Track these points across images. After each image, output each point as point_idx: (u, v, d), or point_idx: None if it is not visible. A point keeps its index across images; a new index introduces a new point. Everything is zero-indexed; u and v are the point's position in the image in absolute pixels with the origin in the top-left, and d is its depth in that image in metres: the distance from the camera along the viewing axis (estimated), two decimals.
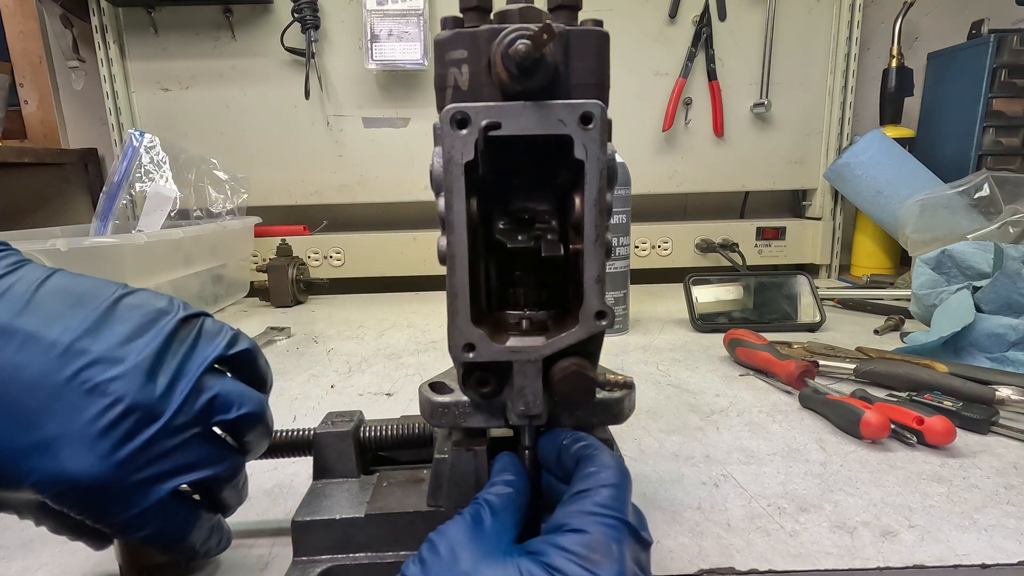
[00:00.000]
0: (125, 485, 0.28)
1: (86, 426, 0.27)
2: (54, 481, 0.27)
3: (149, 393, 0.28)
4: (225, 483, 0.32)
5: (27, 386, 0.27)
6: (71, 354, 0.27)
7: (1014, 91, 1.18)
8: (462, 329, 0.30)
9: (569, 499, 0.28)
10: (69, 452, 0.27)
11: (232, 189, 1.18)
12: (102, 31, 1.21)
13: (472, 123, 0.28)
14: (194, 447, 0.30)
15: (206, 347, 0.31)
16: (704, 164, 1.34)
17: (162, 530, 0.30)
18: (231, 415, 0.31)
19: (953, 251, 0.82)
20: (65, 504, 0.28)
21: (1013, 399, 0.57)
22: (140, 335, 0.29)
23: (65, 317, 0.28)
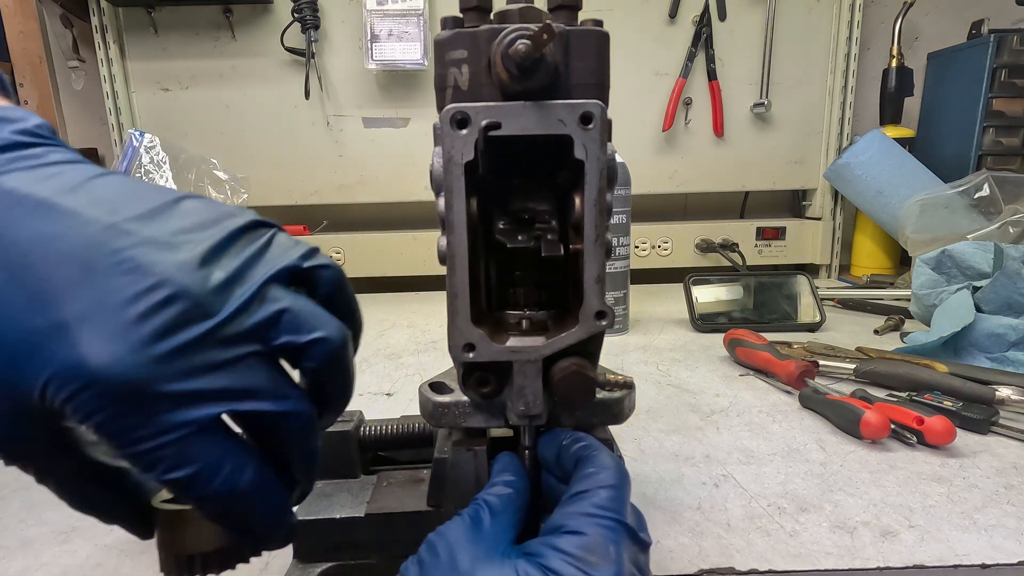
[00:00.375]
0: (159, 394, 0.22)
1: (119, 308, 0.21)
2: (70, 373, 0.21)
3: (201, 284, 0.23)
4: (292, 433, 0.26)
5: (56, 259, 0.22)
6: (115, 232, 0.23)
7: (1014, 91, 1.18)
8: (462, 329, 0.30)
9: (567, 500, 0.27)
10: (94, 337, 0.21)
11: (232, 189, 1.18)
12: (102, 31, 1.21)
13: (472, 123, 0.28)
14: (252, 369, 0.24)
15: (277, 255, 0.26)
16: (704, 164, 1.34)
17: (203, 473, 0.23)
18: (302, 338, 0.24)
19: (953, 251, 0.82)
20: (82, 414, 0.21)
21: (1013, 399, 0.57)
22: (199, 230, 0.24)
23: (116, 202, 0.24)
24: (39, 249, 0.22)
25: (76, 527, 0.43)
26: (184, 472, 0.22)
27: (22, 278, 0.22)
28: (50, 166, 0.24)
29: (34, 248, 0.22)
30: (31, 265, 0.22)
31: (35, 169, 0.24)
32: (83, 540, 0.41)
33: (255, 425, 0.25)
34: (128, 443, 0.22)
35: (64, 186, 0.23)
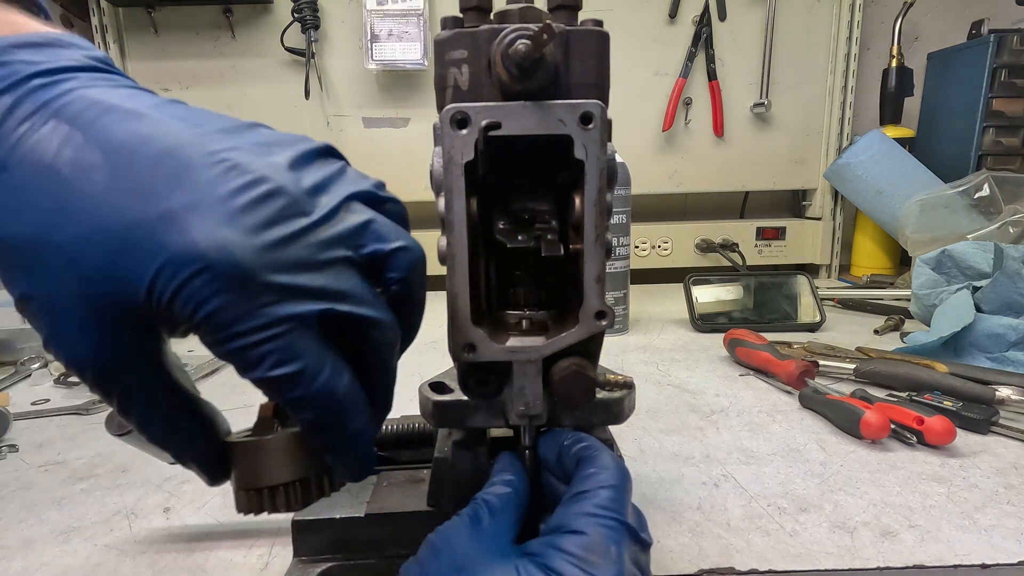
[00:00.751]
0: (267, 284, 0.22)
1: (225, 199, 0.22)
2: (184, 258, 0.21)
3: (295, 184, 0.23)
4: (380, 344, 0.26)
5: (157, 156, 0.22)
6: (208, 138, 0.23)
7: (1014, 91, 1.18)
8: (462, 329, 0.30)
9: (568, 500, 0.27)
10: (205, 224, 0.21)
11: None
12: (102, 31, 1.21)
13: (472, 123, 0.28)
14: (346, 273, 0.24)
15: (354, 178, 0.27)
16: (704, 164, 1.34)
17: (307, 371, 0.23)
18: (388, 246, 0.25)
19: (953, 251, 0.82)
20: (194, 303, 0.21)
21: (1013, 399, 0.57)
22: (280, 146, 0.25)
23: (199, 117, 0.24)
24: (139, 147, 0.22)
25: (76, 527, 0.43)
26: (289, 368, 0.23)
27: (125, 173, 0.22)
28: (126, 88, 0.25)
29: (134, 146, 0.22)
30: (133, 162, 0.22)
31: (116, 88, 0.24)
32: (83, 540, 0.41)
33: (345, 333, 0.25)
34: (237, 335, 0.22)
35: (147, 101, 0.24)
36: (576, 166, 0.29)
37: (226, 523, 0.43)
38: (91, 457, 0.54)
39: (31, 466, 0.53)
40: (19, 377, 0.76)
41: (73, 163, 0.21)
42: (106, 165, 0.22)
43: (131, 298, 0.21)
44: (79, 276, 0.21)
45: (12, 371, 0.77)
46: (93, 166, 0.22)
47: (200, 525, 0.43)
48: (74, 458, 0.54)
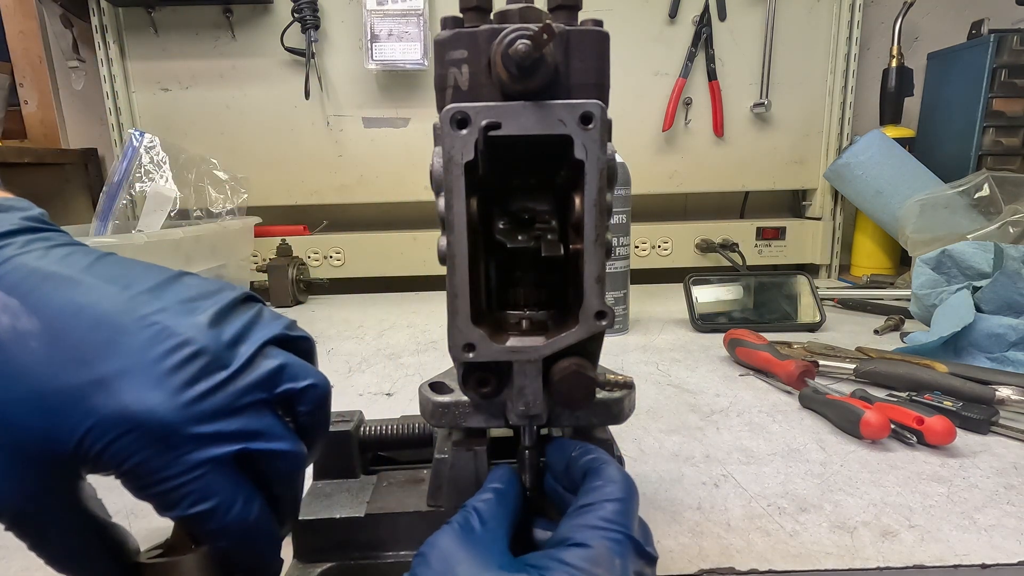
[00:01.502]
0: (189, 435, 0.24)
1: (153, 363, 0.24)
2: (114, 421, 0.23)
3: (216, 341, 0.26)
4: (288, 471, 0.29)
5: (90, 324, 0.24)
6: (137, 301, 0.26)
7: (1014, 91, 1.18)
8: (462, 329, 0.30)
9: (574, 512, 0.27)
10: (134, 389, 0.24)
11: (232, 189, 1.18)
12: (102, 31, 1.21)
13: (472, 123, 0.28)
14: (260, 414, 0.27)
15: (269, 323, 0.29)
16: (704, 164, 1.34)
17: (222, 505, 0.26)
18: (299, 384, 0.28)
19: (953, 251, 0.82)
20: (120, 458, 0.24)
21: (1013, 399, 0.57)
22: (202, 299, 0.28)
23: (127, 278, 0.27)
24: (73, 316, 0.25)
25: None
26: (206, 505, 0.25)
27: (61, 341, 0.24)
28: (61, 247, 0.27)
29: (68, 315, 0.25)
30: (68, 330, 0.24)
31: (51, 250, 0.27)
32: None
33: (255, 466, 0.27)
34: (158, 481, 0.24)
35: (80, 264, 0.26)
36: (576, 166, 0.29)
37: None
38: None
39: None
40: None
41: (11, 329, 0.24)
42: (43, 333, 0.24)
43: (59, 451, 0.24)
44: (9, 431, 0.24)
45: None
46: (30, 333, 0.24)
47: None
48: None
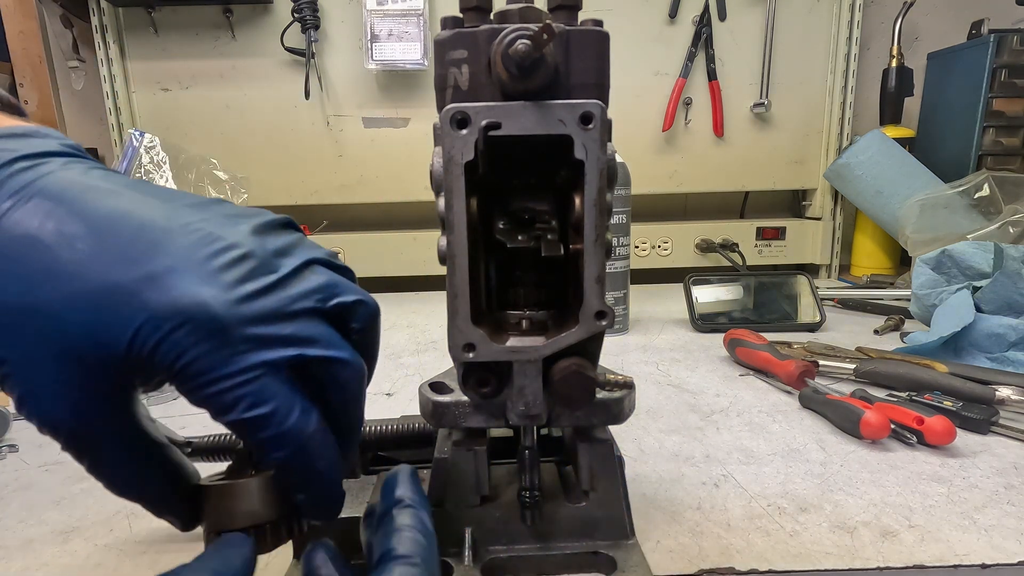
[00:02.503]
0: (244, 336, 0.24)
1: (202, 262, 0.24)
2: (166, 313, 0.23)
3: (263, 248, 0.25)
4: (348, 383, 0.27)
5: (135, 228, 0.24)
6: (181, 211, 0.25)
7: (1014, 91, 1.18)
8: (462, 329, 0.30)
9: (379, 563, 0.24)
10: (185, 284, 0.23)
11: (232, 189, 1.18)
12: (102, 31, 1.21)
13: (472, 123, 0.28)
14: (313, 322, 0.26)
15: (312, 247, 0.28)
16: (704, 164, 1.34)
17: (279, 412, 0.24)
18: (349, 298, 0.27)
19: (953, 251, 0.82)
20: (174, 354, 0.23)
21: (1013, 399, 0.57)
22: (245, 216, 0.27)
23: (169, 195, 0.26)
24: (118, 221, 0.24)
25: (76, 527, 0.43)
26: (262, 410, 0.24)
27: (107, 242, 0.23)
28: (99, 170, 0.26)
29: (114, 219, 0.24)
30: (114, 232, 0.24)
31: (91, 170, 0.26)
32: (83, 540, 0.41)
33: (312, 377, 0.26)
34: (213, 380, 0.23)
35: (120, 181, 0.26)
36: (576, 166, 0.29)
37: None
38: None
39: (31, 466, 0.53)
40: None
41: (56, 233, 0.23)
42: (89, 235, 0.23)
43: (112, 350, 0.23)
44: (62, 334, 0.23)
45: None
46: (76, 236, 0.23)
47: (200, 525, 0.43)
48: None
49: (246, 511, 0.27)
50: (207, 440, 0.41)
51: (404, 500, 0.27)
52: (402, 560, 0.24)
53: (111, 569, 0.38)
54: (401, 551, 0.24)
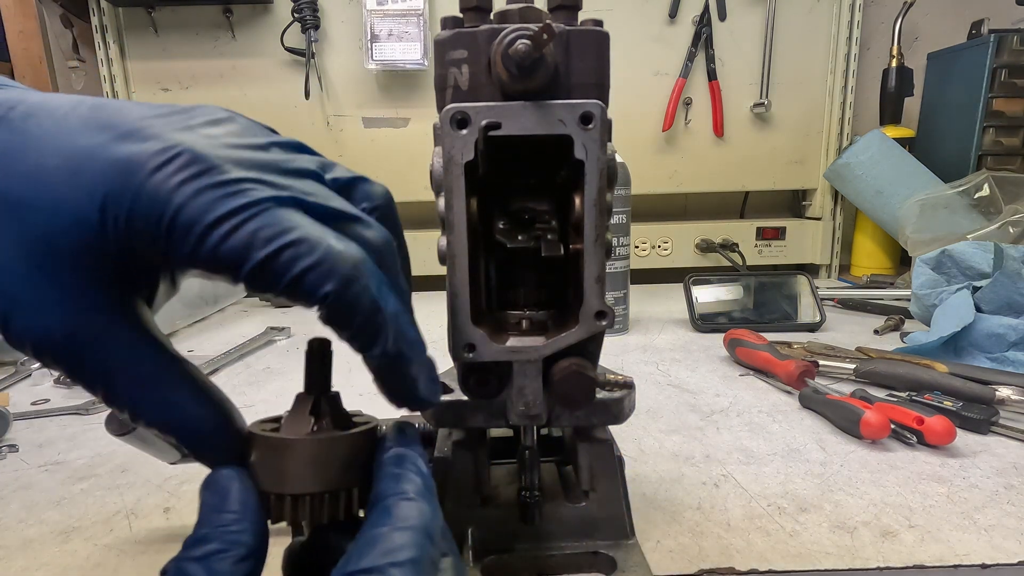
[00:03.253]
0: (236, 177, 0.19)
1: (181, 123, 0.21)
2: (144, 157, 0.19)
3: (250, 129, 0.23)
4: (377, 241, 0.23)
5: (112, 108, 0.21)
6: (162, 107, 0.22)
7: (1014, 91, 1.18)
8: (462, 329, 0.30)
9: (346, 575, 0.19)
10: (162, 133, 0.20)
11: None
12: (102, 31, 1.21)
13: (472, 123, 0.28)
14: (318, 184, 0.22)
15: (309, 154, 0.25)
16: (704, 164, 1.34)
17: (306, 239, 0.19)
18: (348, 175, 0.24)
19: (953, 251, 0.82)
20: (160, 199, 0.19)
21: (1013, 399, 0.57)
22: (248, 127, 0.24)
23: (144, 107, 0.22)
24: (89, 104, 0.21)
25: (76, 527, 0.43)
26: (288, 237, 0.19)
27: (75, 118, 0.20)
28: None
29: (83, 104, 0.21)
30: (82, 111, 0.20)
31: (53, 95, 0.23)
32: (83, 540, 0.41)
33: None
34: (214, 223, 0.19)
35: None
36: (576, 166, 0.29)
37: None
38: (91, 457, 0.54)
39: (31, 466, 0.53)
40: (19, 377, 0.76)
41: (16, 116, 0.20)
42: (48, 116, 0.20)
43: (86, 227, 0.19)
44: (28, 223, 0.19)
45: (12, 371, 0.77)
46: (33, 115, 0.20)
47: None
48: (74, 458, 0.54)
49: (303, 474, 0.22)
50: None
51: (395, 449, 0.23)
52: (400, 496, 0.21)
53: (111, 569, 0.38)
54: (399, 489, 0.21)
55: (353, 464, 0.23)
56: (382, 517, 0.20)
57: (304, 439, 0.22)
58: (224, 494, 0.21)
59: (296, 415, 0.24)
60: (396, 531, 0.20)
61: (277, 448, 0.22)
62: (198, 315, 1.06)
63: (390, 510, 0.20)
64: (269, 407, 0.64)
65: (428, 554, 0.20)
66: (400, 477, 0.22)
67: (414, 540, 0.20)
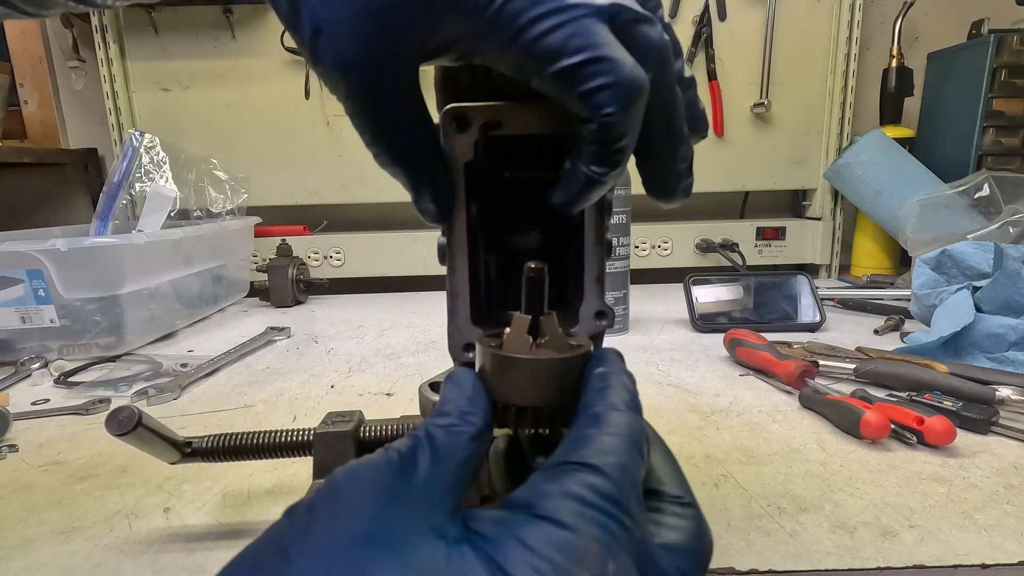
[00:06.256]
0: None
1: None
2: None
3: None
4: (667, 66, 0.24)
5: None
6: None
7: (1014, 91, 1.18)
8: (462, 329, 0.30)
9: (551, 466, 0.20)
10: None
11: (232, 189, 1.18)
12: (102, 31, 1.21)
13: (472, 123, 0.28)
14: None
15: None
16: (704, 164, 1.33)
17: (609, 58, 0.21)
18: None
19: (953, 251, 0.82)
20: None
21: (1013, 399, 0.57)
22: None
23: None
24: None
25: (76, 527, 0.43)
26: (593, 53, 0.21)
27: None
28: None
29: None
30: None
31: None
32: (83, 540, 0.41)
33: None
34: (533, 21, 0.21)
35: None
36: None
37: (226, 523, 0.43)
38: (91, 457, 0.54)
39: (31, 466, 0.53)
40: (19, 377, 0.76)
41: None
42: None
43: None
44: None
45: (12, 371, 0.77)
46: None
47: (200, 525, 0.43)
48: (74, 458, 0.54)
49: (524, 388, 0.24)
50: (207, 440, 0.41)
51: (604, 367, 0.24)
52: (609, 406, 0.22)
53: (111, 569, 0.38)
54: (608, 400, 0.22)
55: (568, 383, 0.25)
56: (591, 422, 0.22)
57: (531, 359, 0.25)
58: (463, 387, 0.24)
59: (516, 334, 0.26)
60: (605, 435, 0.21)
61: (505, 364, 0.25)
62: (198, 315, 1.06)
63: (600, 417, 0.22)
64: (269, 407, 0.65)
65: (636, 462, 0.20)
66: (609, 391, 0.23)
67: (623, 446, 0.20)
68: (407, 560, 0.16)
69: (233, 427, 0.29)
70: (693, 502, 0.23)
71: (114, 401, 0.68)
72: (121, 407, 0.36)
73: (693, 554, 0.21)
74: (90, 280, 0.80)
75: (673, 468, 0.25)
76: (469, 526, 0.18)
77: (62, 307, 0.80)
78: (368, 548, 0.17)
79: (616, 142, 0.23)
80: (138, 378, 0.74)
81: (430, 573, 0.16)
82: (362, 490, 0.18)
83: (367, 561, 0.16)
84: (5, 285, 0.78)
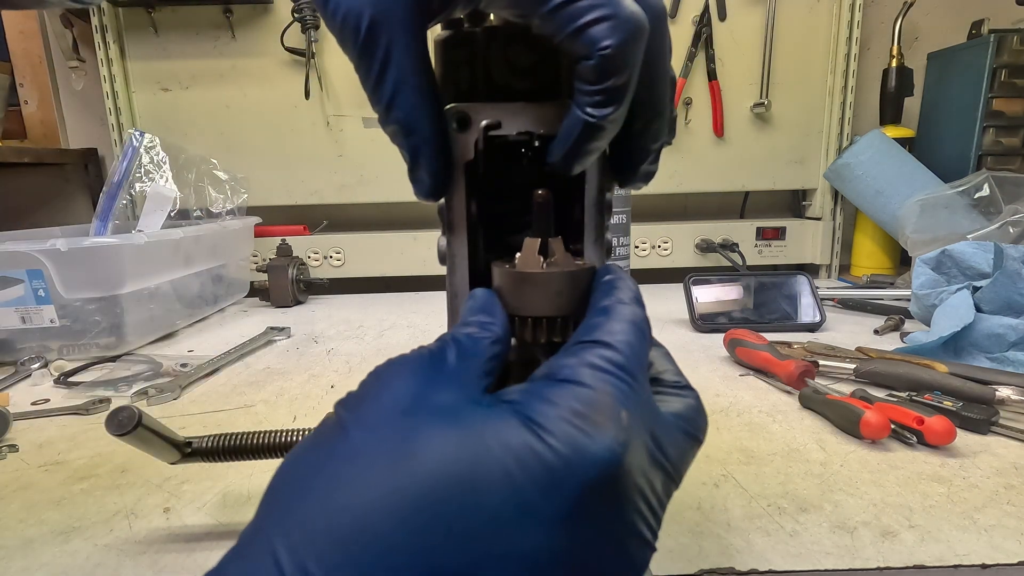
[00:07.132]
0: None
1: None
2: None
3: None
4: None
5: None
6: None
7: (1014, 91, 1.18)
8: None
9: (564, 351, 0.22)
10: None
11: (232, 189, 1.18)
12: (102, 31, 1.21)
13: (472, 123, 0.28)
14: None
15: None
16: (704, 164, 1.34)
17: None
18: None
19: (953, 251, 0.82)
20: None
21: (1013, 399, 0.57)
22: None
23: None
24: None
25: (76, 527, 0.43)
26: None
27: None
28: None
29: None
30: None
31: None
32: (83, 540, 0.41)
33: None
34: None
35: None
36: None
37: (226, 523, 0.43)
38: (91, 457, 0.54)
39: (31, 466, 0.53)
40: (19, 377, 0.76)
41: None
42: None
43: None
44: None
45: (12, 371, 0.77)
46: None
47: (200, 525, 0.43)
48: (74, 458, 0.54)
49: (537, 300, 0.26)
50: (207, 440, 0.41)
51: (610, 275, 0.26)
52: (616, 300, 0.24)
53: (111, 569, 0.38)
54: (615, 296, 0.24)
55: (578, 294, 0.27)
56: (601, 313, 0.23)
57: (542, 272, 0.26)
58: (483, 302, 0.25)
59: (528, 254, 0.28)
60: (614, 321, 0.23)
61: (521, 280, 0.26)
62: (198, 315, 1.06)
63: (608, 309, 0.24)
64: (269, 407, 0.64)
65: (642, 343, 0.23)
66: (616, 290, 0.25)
67: (630, 328, 0.23)
68: (451, 421, 0.19)
69: (233, 427, 0.29)
70: (691, 387, 0.27)
71: (114, 401, 0.68)
72: (121, 407, 0.36)
73: (693, 421, 0.26)
74: (90, 280, 0.80)
75: (672, 364, 0.28)
76: (500, 399, 0.20)
77: (62, 307, 0.80)
78: (415, 416, 0.19)
79: (614, 77, 0.22)
80: (138, 378, 0.74)
81: (472, 429, 0.19)
82: (402, 375, 0.21)
83: (417, 425, 0.19)
84: (5, 285, 0.78)
